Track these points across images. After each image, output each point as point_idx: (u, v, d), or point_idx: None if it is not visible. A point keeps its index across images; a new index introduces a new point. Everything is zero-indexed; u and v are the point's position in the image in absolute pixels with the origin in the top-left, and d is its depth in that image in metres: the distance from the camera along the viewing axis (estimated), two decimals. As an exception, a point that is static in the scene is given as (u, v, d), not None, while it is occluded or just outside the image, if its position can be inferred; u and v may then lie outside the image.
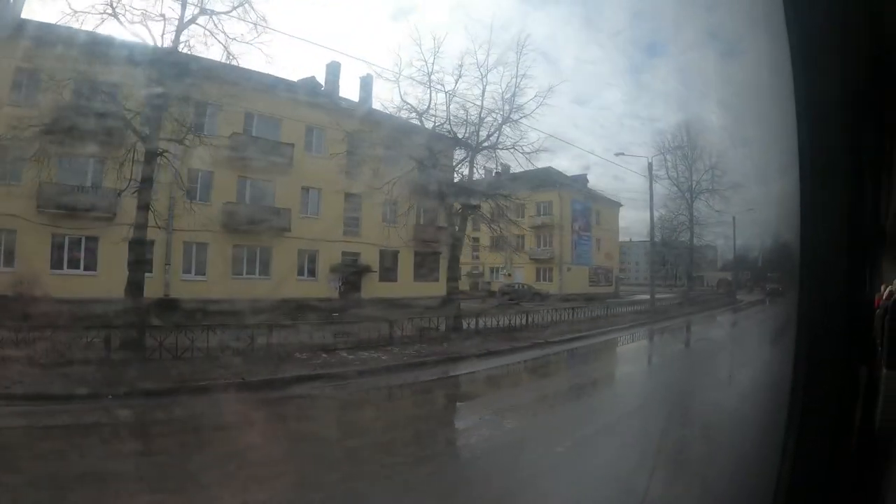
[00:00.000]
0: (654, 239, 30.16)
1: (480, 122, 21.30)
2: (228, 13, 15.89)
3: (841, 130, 2.02)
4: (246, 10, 16.02)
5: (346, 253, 23.81)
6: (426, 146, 19.94)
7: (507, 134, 21.44)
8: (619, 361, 15.64)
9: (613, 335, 18.18)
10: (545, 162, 45.80)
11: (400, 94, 21.54)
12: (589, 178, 38.55)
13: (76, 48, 14.81)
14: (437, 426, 8.75)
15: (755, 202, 23.13)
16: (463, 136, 21.53)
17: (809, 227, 2.03)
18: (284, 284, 21.74)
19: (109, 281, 18.55)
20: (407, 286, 25.98)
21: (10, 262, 17.90)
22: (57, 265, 19.03)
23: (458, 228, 20.31)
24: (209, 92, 19.60)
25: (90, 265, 19.21)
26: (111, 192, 19.12)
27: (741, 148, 27.56)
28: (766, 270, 30.07)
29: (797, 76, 2.01)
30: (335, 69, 24.63)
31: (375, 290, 24.73)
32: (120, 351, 11.29)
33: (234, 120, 20.86)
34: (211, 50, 16.91)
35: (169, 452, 6.81)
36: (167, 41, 15.13)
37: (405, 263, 26.40)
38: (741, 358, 14.30)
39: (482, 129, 21.48)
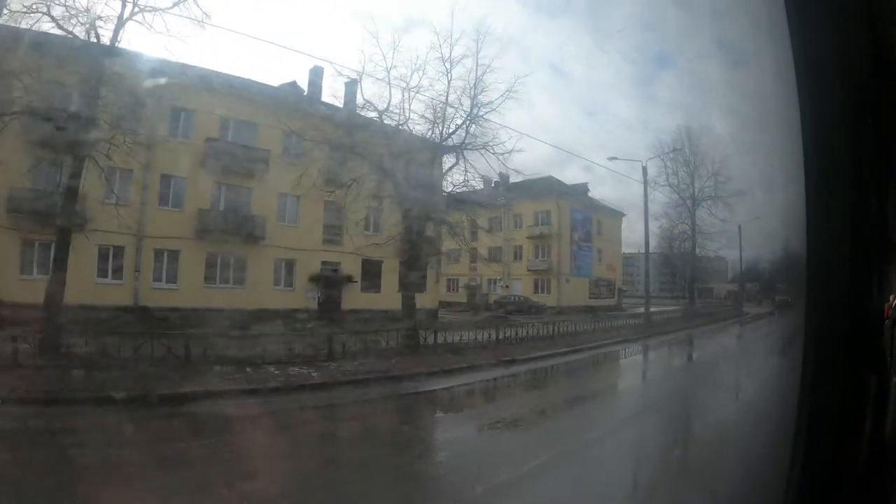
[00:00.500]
0: (648, 248, 28.91)
1: (443, 119, 20.28)
2: (169, 9, 15.28)
3: (843, 137, 2.02)
4: (186, 6, 15.38)
5: (325, 262, 23.20)
6: (390, 148, 19.07)
7: (475, 133, 20.42)
8: (584, 385, 13.40)
9: (596, 351, 16.99)
10: (554, 171, 45.23)
11: (361, 92, 20.44)
12: (599, 188, 37.73)
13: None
14: (301, 461, 7.31)
15: (761, 210, 22.06)
16: (429, 135, 20.33)
17: (814, 236, 2.05)
18: (259, 294, 21.19)
19: (79, 286, 18.36)
20: (391, 297, 25.17)
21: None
22: (27, 270, 18.75)
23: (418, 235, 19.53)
24: (181, 96, 19.40)
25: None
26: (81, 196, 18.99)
27: (746, 155, 26.45)
28: (774, 281, 28.82)
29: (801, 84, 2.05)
30: (318, 73, 24.20)
31: (357, 301, 24.05)
32: (40, 357, 10.78)
33: (209, 125, 20.53)
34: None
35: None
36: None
37: (389, 274, 25.63)
38: (738, 374, 13.26)
39: (446, 127, 20.82)
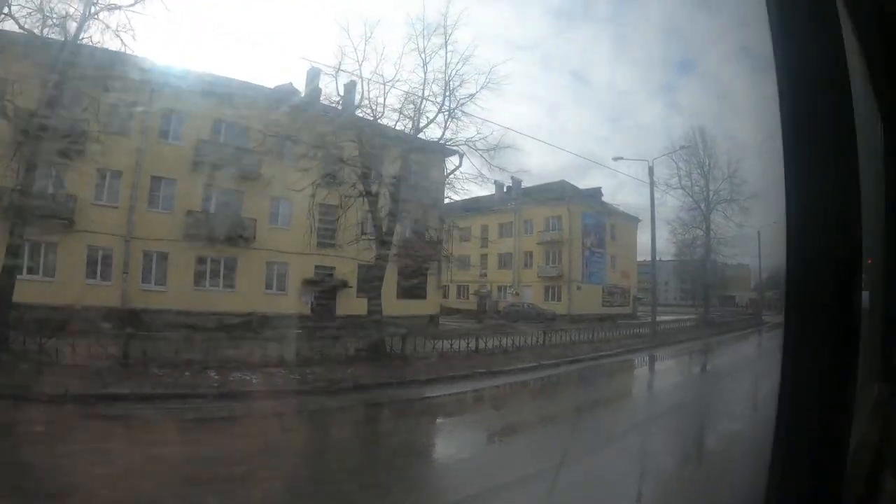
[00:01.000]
0: (655, 252, 27.62)
1: (418, 113, 19.49)
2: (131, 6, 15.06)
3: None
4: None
5: (319, 267, 22.73)
6: (379, 149, 18.44)
7: (455, 128, 19.57)
8: (540, 408, 11.57)
9: (580, 365, 15.79)
10: (575, 177, 44.13)
11: (337, 88, 19.84)
12: (620, 195, 36.62)
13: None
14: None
15: (781, 214, 20.72)
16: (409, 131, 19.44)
17: (795, 238, 1.99)
18: (250, 298, 20.87)
19: (68, 287, 18.33)
20: (389, 303, 24.55)
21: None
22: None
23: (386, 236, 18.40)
24: (172, 98, 19.30)
25: (49, 271, 18.78)
26: (69, 197, 19.01)
27: (763, 158, 25.09)
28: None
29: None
30: (315, 74, 23.85)
31: (353, 306, 23.43)
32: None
33: (200, 127, 20.37)
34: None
35: None
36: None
37: (388, 279, 25.00)
38: (730, 393, 12.15)
39: (422, 121, 19.86)
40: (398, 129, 20.84)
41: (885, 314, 3.97)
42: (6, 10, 13.87)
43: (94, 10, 14.98)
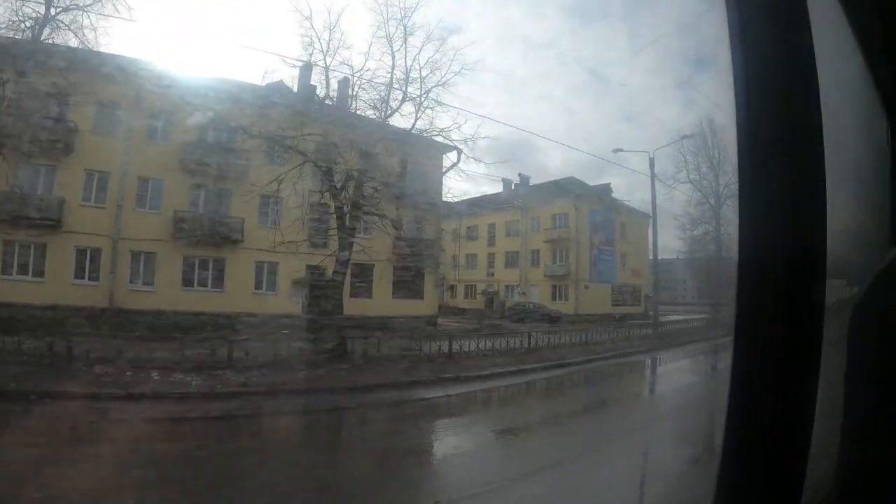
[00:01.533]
0: (657, 247, 26.45)
1: (387, 102, 18.81)
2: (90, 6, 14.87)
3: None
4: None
5: (311, 266, 22.36)
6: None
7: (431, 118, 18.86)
8: (505, 420, 10.31)
9: (560, 371, 14.77)
10: (591, 176, 43.01)
11: (299, 80, 19.31)
12: (637, 193, 35.54)
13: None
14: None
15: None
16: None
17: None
18: (239, 297, 20.69)
19: (55, 287, 18.42)
20: (384, 303, 24.18)
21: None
22: (7, 271, 18.93)
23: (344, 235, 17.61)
24: (159, 97, 19.21)
25: (38, 271, 18.87)
26: (58, 199, 19.09)
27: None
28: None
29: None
30: (307, 72, 23.54)
31: (347, 306, 23.04)
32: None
33: (188, 126, 20.24)
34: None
35: None
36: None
37: (382, 279, 24.59)
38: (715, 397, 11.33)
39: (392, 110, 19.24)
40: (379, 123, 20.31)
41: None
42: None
43: (54, 12, 14.67)
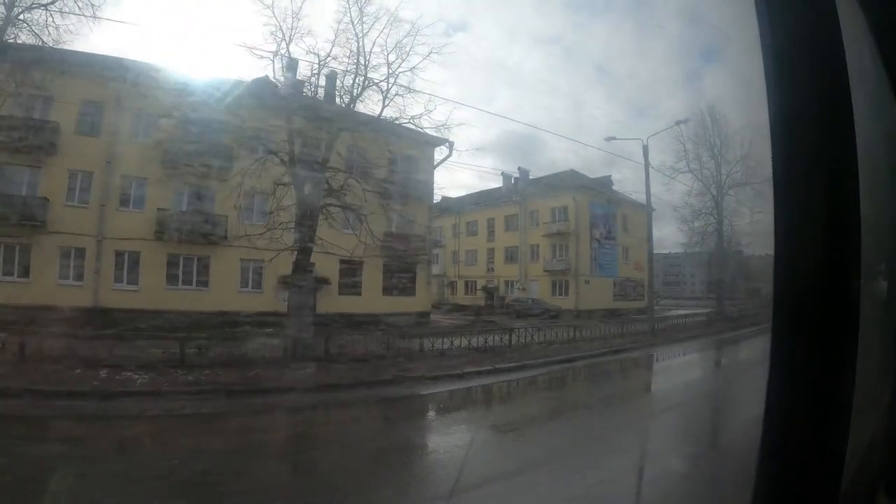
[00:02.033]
0: (651, 237, 25.73)
1: (353, 89, 18.31)
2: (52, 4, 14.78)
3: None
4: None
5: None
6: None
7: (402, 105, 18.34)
8: (438, 432, 9.15)
9: (545, 370, 13.90)
10: (604, 171, 42.29)
11: (274, 71, 18.94)
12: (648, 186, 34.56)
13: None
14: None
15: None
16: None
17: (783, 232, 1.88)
18: (224, 296, 20.57)
19: (41, 288, 18.47)
20: (373, 300, 23.93)
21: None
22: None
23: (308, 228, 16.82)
24: (141, 96, 19.16)
25: (23, 272, 18.95)
26: (42, 200, 19.16)
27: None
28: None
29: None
30: (293, 66, 23.32)
31: (335, 304, 22.86)
32: None
33: (170, 124, 20.16)
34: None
35: None
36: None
37: (372, 275, 24.34)
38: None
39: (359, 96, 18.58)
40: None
41: None
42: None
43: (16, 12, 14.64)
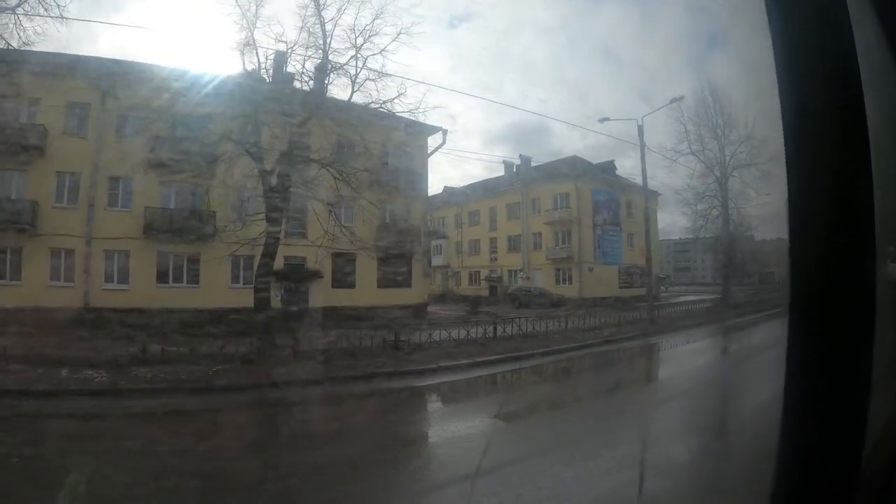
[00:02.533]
0: (649, 220, 24.95)
1: (323, 72, 17.79)
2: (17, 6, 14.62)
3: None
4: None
5: (289, 258, 22.01)
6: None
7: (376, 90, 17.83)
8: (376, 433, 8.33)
9: (530, 362, 13.46)
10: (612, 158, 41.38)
11: (243, 63, 18.47)
12: (657, 173, 33.93)
13: None
14: None
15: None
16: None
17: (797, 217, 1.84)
18: (215, 293, 20.49)
19: (32, 289, 18.58)
20: (368, 293, 23.70)
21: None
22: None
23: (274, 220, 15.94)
24: (128, 95, 19.08)
25: (15, 275, 19.06)
26: (31, 203, 19.21)
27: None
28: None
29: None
30: (281, 59, 23.03)
31: (328, 297, 22.69)
32: None
33: (157, 122, 20.04)
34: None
35: None
36: None
37: (366, 268, 24.09)
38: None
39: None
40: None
41: None
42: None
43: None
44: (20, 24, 15.60)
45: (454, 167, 77.01)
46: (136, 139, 19.52)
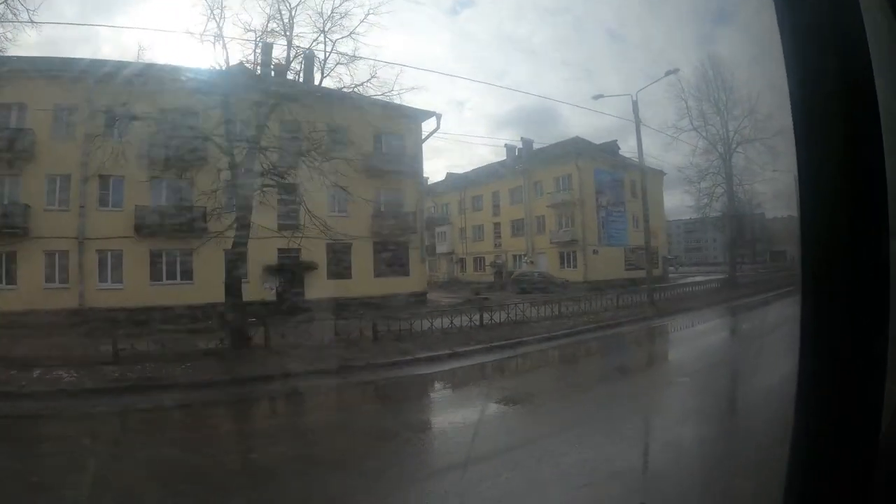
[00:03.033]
0: (646, 196, 24.25)
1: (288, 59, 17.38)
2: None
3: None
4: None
5: (282, 250, 21.88)
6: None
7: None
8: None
9: (510, 353, 12.86)
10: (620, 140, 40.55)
11: (261, 60, 18.18)
12: (667, 154, 33.10)
13: None
14: None
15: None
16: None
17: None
18: (209, 288, 20.42)
19: (28, 293, 18.78)
20: (364, 283, 23.51)
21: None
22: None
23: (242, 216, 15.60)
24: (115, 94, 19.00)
25: (10, 279, 19.24)
26: (23, 207, 19.34)
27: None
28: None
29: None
30: (268, 50, 22.77)
31: (324, 288, 22.53)
32: None
33: (144, 120, 19.95)
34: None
35: None
36: None
37: (362, 257, 23.91)
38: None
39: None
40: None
41: None
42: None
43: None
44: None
45: (461, 154, 76.39)
46: (123, 138, 19.43)
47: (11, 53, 17.43)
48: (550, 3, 46.21)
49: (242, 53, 18.26)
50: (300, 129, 17.44)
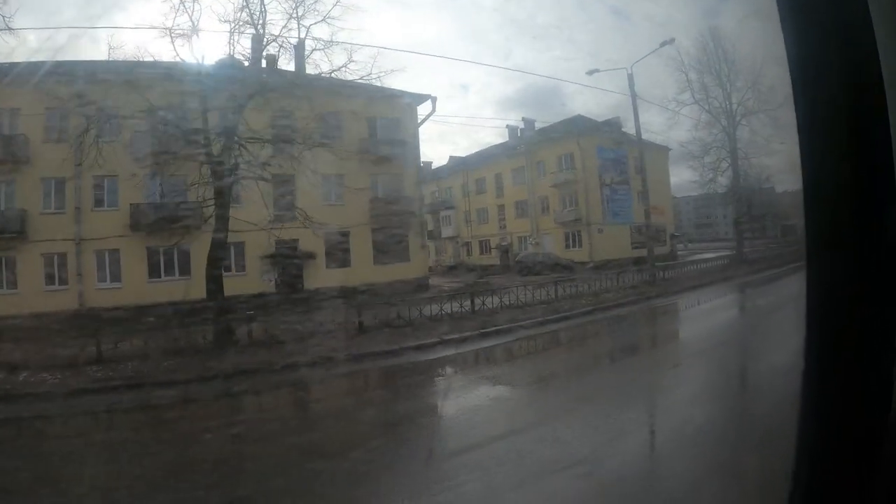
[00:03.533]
0: (646, 178, 23.63)
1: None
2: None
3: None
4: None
5: (280, 241, 21.76)
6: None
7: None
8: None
9: (495, 341, 12.56)
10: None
11: (252, 53, 17.86)
12: (675, 131, 32.25)
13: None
14: None
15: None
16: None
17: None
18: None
19: (28, 296, 18.93)
20: (364, 271, 23.35)
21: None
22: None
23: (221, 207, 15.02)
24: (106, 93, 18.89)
25: (11, 284, 19.39)
26: (20, 211, 19.43)
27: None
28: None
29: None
30: (258, 41, 22.45)
31: (323, 278, 22.44)
32: None
33: (135, 117, 19.85)
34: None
35: None
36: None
37: (361, 245, 23.74)
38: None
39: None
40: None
41: None
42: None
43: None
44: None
45: (466, 137, 75.69)
46: (114, 137, 19.37)
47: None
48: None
49: (230, 46, 17.81)
50: (289, 118, 17.21)
